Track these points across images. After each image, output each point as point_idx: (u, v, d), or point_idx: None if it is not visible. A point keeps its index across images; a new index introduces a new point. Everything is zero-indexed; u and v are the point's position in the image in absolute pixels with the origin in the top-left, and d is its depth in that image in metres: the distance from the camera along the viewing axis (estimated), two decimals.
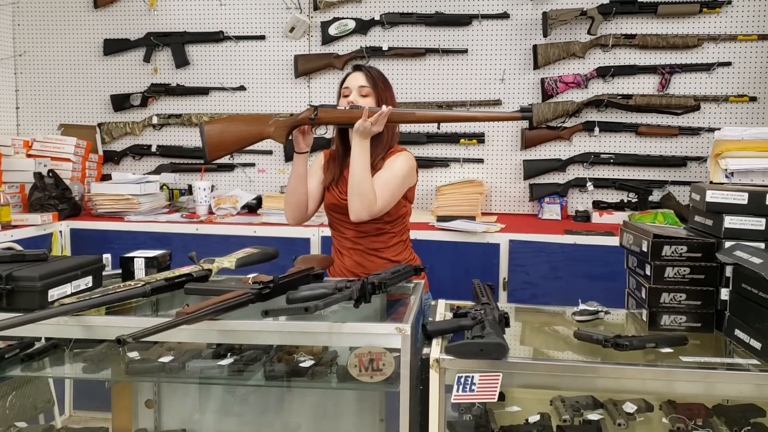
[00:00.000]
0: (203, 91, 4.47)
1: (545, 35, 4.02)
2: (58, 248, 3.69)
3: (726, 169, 3.39)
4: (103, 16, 4.53)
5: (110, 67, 4.56)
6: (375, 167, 2.43)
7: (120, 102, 4.53)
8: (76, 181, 4.15)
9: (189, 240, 3.66)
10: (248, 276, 1.95)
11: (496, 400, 1.50)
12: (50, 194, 3.80)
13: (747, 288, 1.58)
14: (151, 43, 4.46)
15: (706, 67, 3.98)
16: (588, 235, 3.42)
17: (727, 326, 1.69)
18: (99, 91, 4.59)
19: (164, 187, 4.31)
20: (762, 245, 1.68)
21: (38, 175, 3.84)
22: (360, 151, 2.37)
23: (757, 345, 1.53)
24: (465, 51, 4.19)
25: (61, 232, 3.73)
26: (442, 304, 2.01)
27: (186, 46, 4.45)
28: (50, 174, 3.90)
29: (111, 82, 4.57)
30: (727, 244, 1.70)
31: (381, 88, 2.53)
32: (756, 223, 1.70)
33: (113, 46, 4.52)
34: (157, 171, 4.47)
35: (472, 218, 3.69)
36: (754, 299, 1.55)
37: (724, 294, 1.72)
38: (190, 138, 4.53)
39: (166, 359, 1.82)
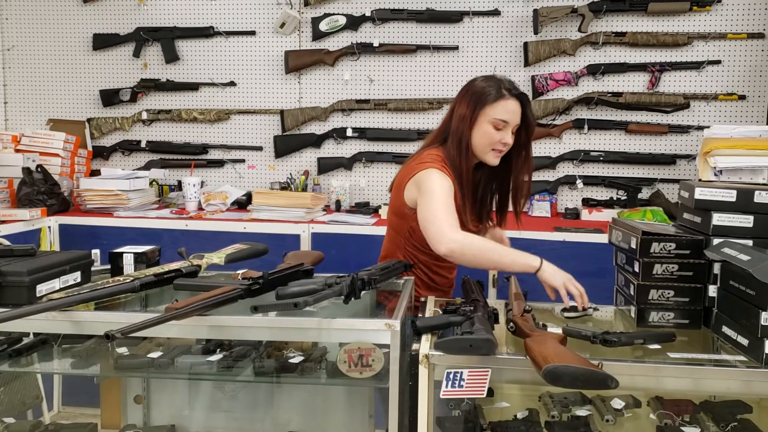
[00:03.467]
0: (193, 87, 4.46)
1: (536, 32, 4.03)
2: (47, 244, 3.68)
3: (715, 167, 3.40)
4: (93, 11, 4.50)
5: (99, 62, 4.54)
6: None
7: (109, 97, 4.51)
8: (64, 176, 4.13)
9: (178, 236, 3.65)
10: (238, 272, 1.95)
11: (485, 395, 1.50)
12: (39, 189, 3.79)
13: (734, 285, 1.59)
14: (141, 38, 4.44)
15: (696, 66, 3.99)
16: (577, 232, 3.43)
17: (715, 323, 1.70)
18: (88, 86, 4.57)
19: (154, 182, 4.30)
20: (750, 242, 1.69)
21: (27, 171, 3.82)
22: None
23: (744, 341, 1.54)
24: (456, 48, 4.20)
25: (49, 227, 3.71)
26: (431, 300, 2.02)
27: (176, 41, 4.43)
28: (39, 169, 3.89)
29: (100, 77, 4.55)
30: (716, 241, 1.71)
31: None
32: (744, 221, 1.72)
33: (102, 41, 4.49)
34: (147, 167, 4.45)
35: None
36: (741, 296, 1.55)
37: (712, 291, 1.73)
38: (180, 134, 4.51)
39: (155, 355, 1.82)
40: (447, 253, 2.00)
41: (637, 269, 1.78)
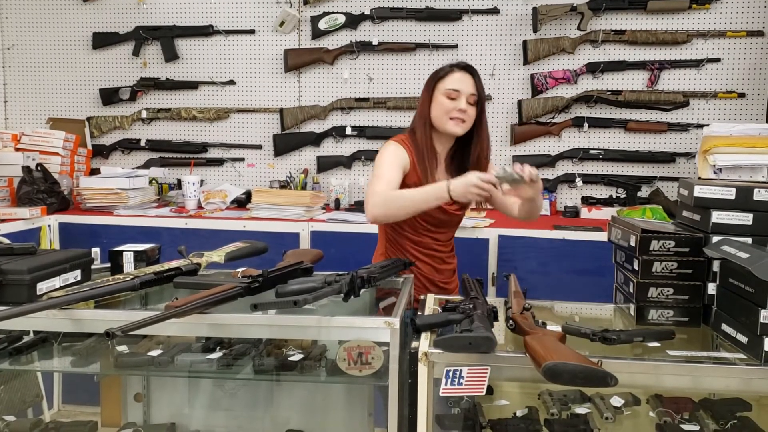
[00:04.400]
0: (192, 86, 4.46)
1: (535, 31, 4.03)
2: (47, 242, 3.68)
3: (714, 165, 3.41)
4: (92, 10, 4.51)
5: (99, 61, 4.55)
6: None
7: (109, 96, 4.52)
8: (64, 175, 4.13)
9: (178, 234, 3.65)
10: (237, 270, 1.95)
11: (484, 393, 1.50)
12: (39, 188, 3.79)
13: (734, 282, 1.59)
14: (141, 36, 4.45)
15: (695, 63, 4.00)
16: (576, 230, 3.43)
17: (714, 320, 1.70)
18: (88, 84, 4.57)
19: (153, 181, 4.30)
20: (749, 240, 1.69)
21: (27, 169, 3.83)
22: None
23: (743, 339, 1.54)
24: (455, 46, 4.20)
25: (49, 226, 3.72)
26: (431, 298, 2.02)
27: (175, 40, 4.44)
28: (39, 168, 3.89)
29: (100, 75, 4.55)
30: (715, 238, 1.71)
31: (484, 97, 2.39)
32: (743, 218, 1.71)
33: (102, 40, 4.50)
34: (146, 165, 4.46)
35: None
36: (740, 294, 1.55)
37: (711, 288, 1.73)
38: (179, 132, 4.52)
39: (155, 353, 1.82)
40: (374, 212, 2.23)
41: (636, 267, 1.78)
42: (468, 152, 2.41)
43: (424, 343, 1.54)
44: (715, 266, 1.71)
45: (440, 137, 2.39)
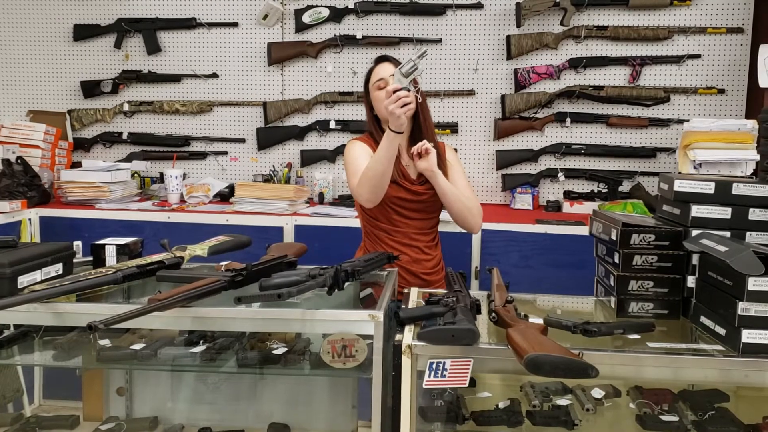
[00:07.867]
0: (175, 78, 4.43)
1: (518, 26, 4.04)
2: (28, 236, 3.65)
3: (694, 160, 3.44)
4: (73, 1, 4.46)
5: (80, 53, 4.51)
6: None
7: (90, 88, 4.48)
8: (45, 168, 4.10)
9: (161, 228, 3.63)
10: (221, 263, 1.95)
11: (467, 385, 1.51)
12: (19, 181, 3.76)
13: (712, 276, 1.62)
14: (123, 29, 4.41)
15: (676, 60, 4.03)
16: (558, 224, 3.46)
17: (693, 313, 1.72)
18: (69, 77, 4.53)
19: (135, 175, 4.28)
20: (728, 234, 1.71)
21: (6, 162, 3.80)
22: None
23: (721, 331, 1.56)
24: (439, 41, 4.20)
25: (30, 219, 3.69)
26: (414, 291, 2.03)
27: (158, 32, 4.41)
28: (19, 161, 3.86)
29: (81, 68, 4.51)
30: (694, 232, 1.73)
31: None
32: (722, 212, 1.74)
33: (83, 32, 4.46)
34: (129, 159, 4.42)
35: None
36: (719, 286, 1.58)
37: (691, 281, 1.75)
38: (162, 125, 4.49)
39: (137, 346, 1.81)
40: (363, 197, 2.34)
41: (617, 260, 1.79)
42: (420, 131, 2.48)
43: (407, 336, 1.55)
44: (695, 259, 1.73)
45: None
